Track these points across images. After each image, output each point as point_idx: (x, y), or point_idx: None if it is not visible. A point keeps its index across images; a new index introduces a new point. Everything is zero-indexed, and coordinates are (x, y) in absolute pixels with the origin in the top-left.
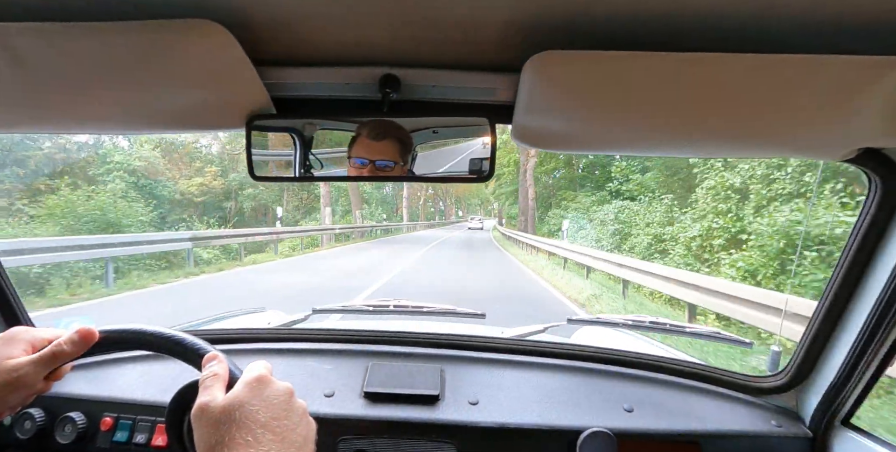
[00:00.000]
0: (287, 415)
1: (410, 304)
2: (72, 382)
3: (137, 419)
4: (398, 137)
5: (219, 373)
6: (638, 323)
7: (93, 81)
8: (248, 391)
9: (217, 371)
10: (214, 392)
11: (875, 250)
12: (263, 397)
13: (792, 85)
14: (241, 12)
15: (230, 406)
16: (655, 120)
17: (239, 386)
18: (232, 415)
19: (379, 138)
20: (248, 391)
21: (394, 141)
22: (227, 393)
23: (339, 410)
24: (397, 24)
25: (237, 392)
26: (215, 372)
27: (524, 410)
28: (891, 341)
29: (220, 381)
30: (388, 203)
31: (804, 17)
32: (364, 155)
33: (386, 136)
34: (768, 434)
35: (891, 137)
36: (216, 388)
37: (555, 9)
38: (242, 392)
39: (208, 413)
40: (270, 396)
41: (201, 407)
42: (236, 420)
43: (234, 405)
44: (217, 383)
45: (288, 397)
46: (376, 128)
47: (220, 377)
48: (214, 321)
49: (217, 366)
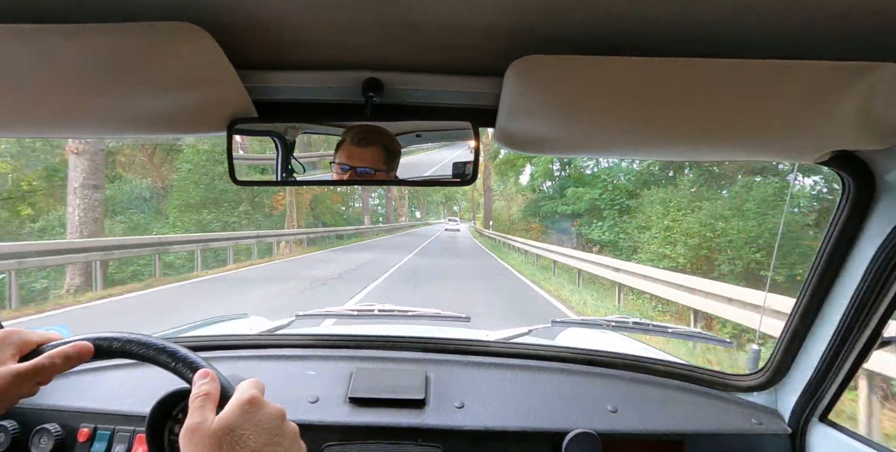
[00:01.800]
0: (279, 441)
1: (395, 308)
2: (47, 392)
3: (116, 429)
4: (383, 144)
5: (210, 392)
6: (621, 324)
7: (69, 83)
8: (239, 415)
9: (209, 391)
10: (206, 414)
11: (849, 250)
12: (255, 421)
13: (766, 89)
14: (222, 15)
15: (221, 430)
16: (635, 123)
17: (231, 408)
18: (222, 440)
19: (363, 145)
20: (239, 414)
21: (379, 148)
22: (218, 414)
23: (324, 416)
24: (380, 29)
25: (228, 415)
26: (207, 391)
27: (509, 413)
28: (865, 338)
29: (212, 401)
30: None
31: (777, 23)
32: (346, 161)
33: (371, 143)
34: (749, 432)
35: (862, 139)
36: (207, 408)
37: (537, 14)
38: (234, 415)
39: (199, 434)
40: (262, 420)
41: (191, 429)
42: (227, 445)
43: (224, 429)
44: (208, 403)
45: (280, 421)
46: (360, 134)
47: (212, 397)
48: (195, 328)
49: (209, 385)
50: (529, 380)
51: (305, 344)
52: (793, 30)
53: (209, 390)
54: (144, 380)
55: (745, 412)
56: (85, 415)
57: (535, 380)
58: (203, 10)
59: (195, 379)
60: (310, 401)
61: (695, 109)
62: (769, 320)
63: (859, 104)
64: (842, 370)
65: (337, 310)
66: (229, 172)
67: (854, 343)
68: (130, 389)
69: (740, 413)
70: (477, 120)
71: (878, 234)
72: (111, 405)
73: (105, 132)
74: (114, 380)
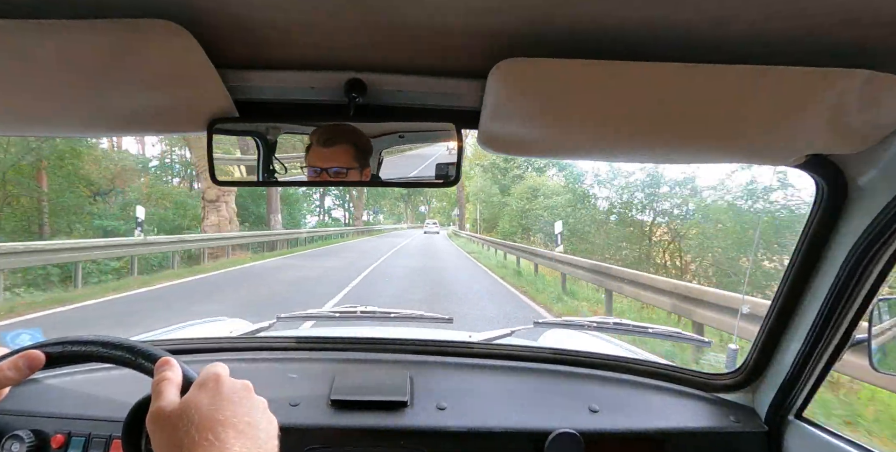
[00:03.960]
0: (248, 411)
1: (378, 310)
2: (19, 397)
3: (91, 435)
4: (352, 142)
5: (171, 377)
6: (602, 325)
7: (44, 81)
8: (204, 392)
9: (169, 376)
10: (168, 396)
11: (822, 252)
12: (222, 396)
13: (744, 94)
14: (203, 13)
15: (186, 407)
16: (616, 127)
17: (195, 388)
18: (189, 417)
19: (329, 145)
20: (203, 391)
21: (347, 146)
22: (182, 397)
23: (305, 419)
24: (363, 29)
25: (193, 394)
26: (167, 377)
27: (492, 413)
28: (838, 338)
29: (174, 385)
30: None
31: (754, 30)
32: (316, 163)
33: (336, 142)
34: (727, 430)
35: (835, 143)
36: (170, 392)
37: (520, 17)
38: (198, 393)
39: (163, 417)
40: (228, 393)
41: (155, 413)
42: (194, 422)
43: (189, 406)
44: (170, 387)
45: (246, 392)
46: (325, 134)
47: (174, 382)
48: (173, 331)
49: (169, 371)
50: (512, 381)
51: (286, 347)
52: (769, 37)
53: (169, 375)
54: (120, 383)
55: (723, 410)
56: (58, 421)
57: (517, 381)
58: (183, 7)
59: (156, 367)
60: (291, 404)
61: (674, 113)
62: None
63: (832, 109)
64: (816, 369)
65: (319, 312)
66: (209, 171)
67: (828, 343)
68: (106, 393)
69: (718, 412)
70: (460, 122)
71: (850, 236)
72: (86, 409)
73: (81, 131)
74: (88, 384)
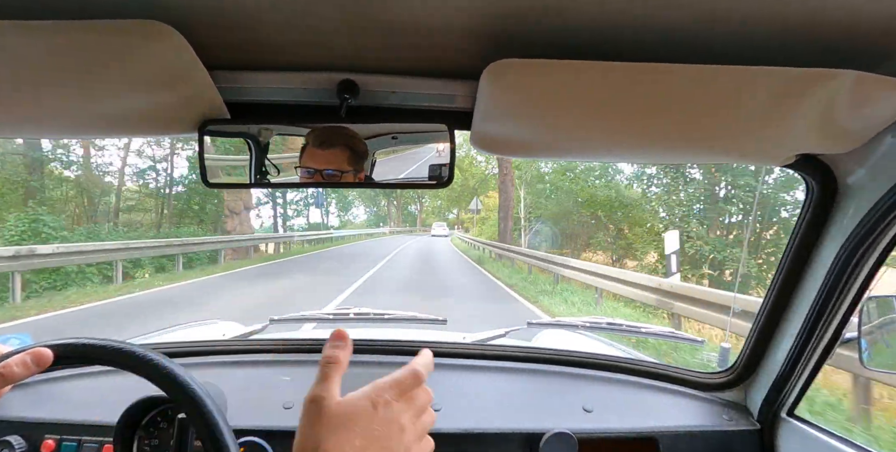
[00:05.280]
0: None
1: (372, 311)
2: (9, 403)
3: (82, 440)
4: (348, 145)
5: (341, 361)
6: (595, 325)
7: (32, 82)
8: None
9: (339, 358)
10: (331, 387)
11: (813, 251)
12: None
13: (733, 94)
14: (193, 14)
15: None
16: (608, 127)
17: (360, 396)
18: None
19: (325, 147)
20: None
21: (342, 149)
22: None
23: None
24: (355, 30)
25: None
26: (338, 358)
27: (487, 415)
28: (829, 336)
29: (340, 371)
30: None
31: (744, 31)
32: (311, 164)
33: (332, 144)
34: (720, 428)
35: (824, 143)
36: (334, 381)
37: (513, 18)
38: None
39: (324, 412)
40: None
41: (317, 401)
42: (343, 432)
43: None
44: (336, 374)
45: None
46: (321, 136)
47: (341, 367)
48: (165, 333)
49: (342, 350)
50: (506, 382)
51: (280, 349)
52: (759, 38)
53: (340, 357)
54: (111, 388)
55: (716, 409)
56: (49, 426)
57: (511, 382)
58: (173, 8)
59: (333, 337)
60: (285, 407)
61: (665, 114)
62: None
63: (821, 110)
64: (807, 367)
65: (312, 314)
66: (201, 173)
67: (818, 341)
68: (97, 398)
69: (711, 410)
70: (453, 123)
71: (839, 235)
72: (77, 415)
73: (70, 133)
74: (79, 389)
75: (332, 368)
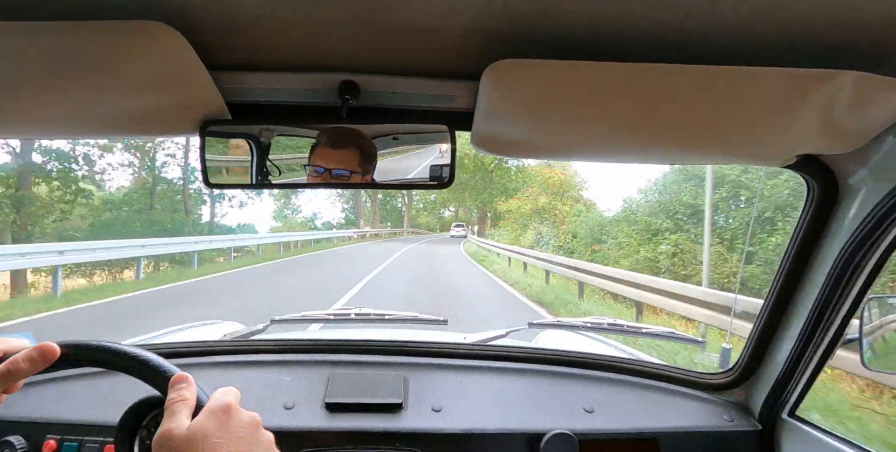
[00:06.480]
0: (252, 449)
1: (372, 312)
2: (11, 403)
3: (84, 440)
4: (358, 146)
5: (187, 398)
6: (596, 325)
7: (34, 83)
8: (213, 421)
9: (186, 396)
10: (181, 419)
11: (814, 251)
12: (229, 428)
13: (734, 95)
14: (194, 15)
15: (194, 436)
16: (608, 127)
17: (204, 415)
18: (195, 447)
19: (337, 147)
20: (213, 420)
21: (353, 150)
22: (192, 420)
23: (299, 422)
24: (356, 31)
25: (202, 422)
26: (184, 397)
27: (487, 415)
28: (830, 336)
29: (188, 407)
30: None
31: (745, 31)
32: (321, 163)
33: (345, 144)
34: (721, 429)
35: (825, 144)
36: (183, 414)
37: (513, 18)
38: (207, 422)
39: (172, 441)
40: (236, 428)
41: (165, 434)
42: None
43: (197, 435)
44: (184, 408)
45: (254, 429)
46: (334, 136)
47: (188, 403)
48: (166, 334)
49: (186, 390)
50: (506, 382)
51: (281, 350)
52: (760, 38)
53: (186, 395)
54: (112, 389)
55: (717, 409)
56: (50, 426)
57: (512, 382)
58: (174, 9)
59: (173, 382)
60: (286, 407)
61: (666, 114)
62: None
63: (822, 110)
64: (808, 368)
65: (313, 314)
66: (202, 174)
67: (820, 341)
68: (98, 398)
69: (712, 411)
70: (453, 123)
71: (840, 235)
72: (78, 415)
73: (72, 134)
74: (80, 390)
75: (179, 405)
